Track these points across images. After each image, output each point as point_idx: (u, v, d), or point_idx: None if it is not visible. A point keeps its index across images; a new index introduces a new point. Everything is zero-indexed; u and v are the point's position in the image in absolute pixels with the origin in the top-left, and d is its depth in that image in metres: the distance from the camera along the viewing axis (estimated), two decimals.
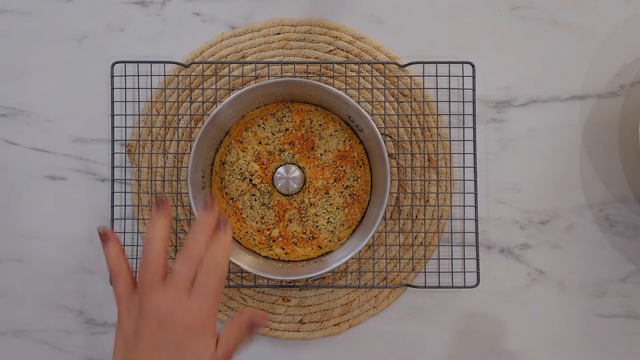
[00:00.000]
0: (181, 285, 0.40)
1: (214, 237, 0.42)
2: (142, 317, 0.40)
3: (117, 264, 0.42)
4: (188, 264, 0.41)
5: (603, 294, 0.58)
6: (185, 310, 0.39)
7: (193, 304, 0.40)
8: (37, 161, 0.59)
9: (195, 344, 0.39)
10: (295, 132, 0.55)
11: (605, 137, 0.59)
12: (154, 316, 0.39)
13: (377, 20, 0.59)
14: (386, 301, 0.58)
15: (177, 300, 0.40)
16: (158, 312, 0.39)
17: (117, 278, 0.42)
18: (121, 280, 0.42)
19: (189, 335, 0.39)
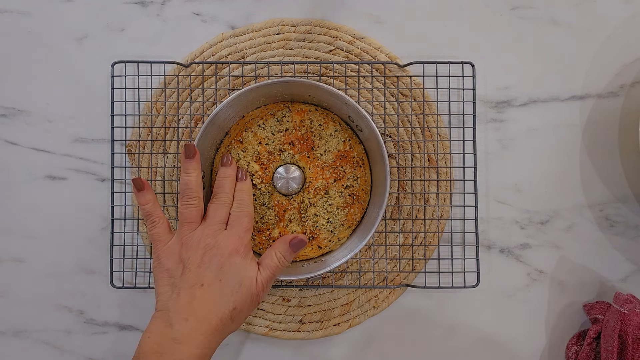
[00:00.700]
0: (217, 224, 0.47)
1: (237, 185, 0.50)
2: (187, 249, 0.46)
3: (153, 209, 0.48)
4: (220, 208, 0.48)
5: (603, 294, 0.58)
6: (225, 238, 0.46)
7: (231, 235, 0.47)
8: (37, 161, 0.59)
9: (239, 263, 0.46)
10: (295, 132, 0.55)
11: (605, 137, 0.59)
12: (198, 247, 0.46)
13: (377, 20, 0.59)
14: (386, 301, 0.58)
15: (216, 233, 0.46)
16: (202, 243, 0.46)
17: (155, 221, 0.48)
18: (159, 223, 0.48)
19: (232, 257, 0.45)
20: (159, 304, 0.45)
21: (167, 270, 0.46)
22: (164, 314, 0.44)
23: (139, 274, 0.58)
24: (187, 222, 0.47)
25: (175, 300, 0.44)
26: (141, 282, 0.58)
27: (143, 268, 0.58)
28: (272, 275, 0.47)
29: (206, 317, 0.43)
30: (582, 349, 0.55)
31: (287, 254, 0.48)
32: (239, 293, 0.45)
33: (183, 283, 0.45)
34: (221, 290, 0.44)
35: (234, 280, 0.45)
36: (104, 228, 0.59)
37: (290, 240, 0.48)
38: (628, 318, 0.53)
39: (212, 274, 0.45)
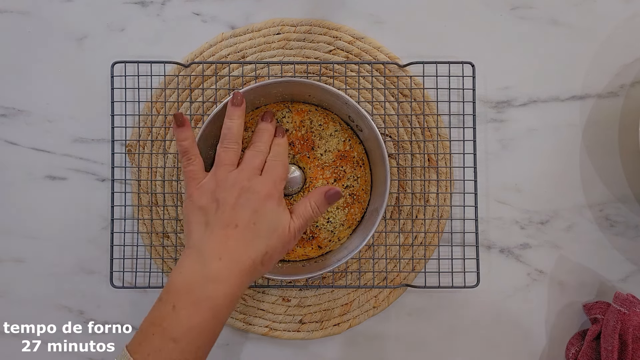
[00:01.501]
0: (253, 169, 0.47)
1: (274, 140, 0.51)
2: (222, 189, 0.46)
3: (191, 146, 0.48)
4: (256, 155, 0.49)
5: (603, 294, 0.58)
6: (261, 183, 0.46)
7: (266, 180, 0.47)
8: (37, 161, 0.59)
9: (273, 208, 0.46)
10: (296, 132, 0.55)
11: (605, 137, 0.59)
12: (233, 188, 0.46)
13: (377, 20, 0.59)
14: (386, 301, 0.58)
15: (252, 177, 0.47)
16: (237, 185, 0.46)
17: (191, 159, 0.48)
18: (195, 160, 0.48)
19: (267, 201, 0.46)
20: (191, 241, 0.45)
21: (200, 207, 0.45)
22: (196, 252, 0.44)
23: (139, 274, 0.58)
24: (224, 164, 0.47)
25: (209, 238, 0.44)
26: (141, 282, 0.58)
27: (143, 268, 0.58)
28: (305, 223, 0.47)
29: (240, 258, 0.43)
30: (582, 348, 0.55)
31: (321, 204, 0.48)
32: (272, 238, 0.45)
33: (217, 222, 0.44)
34: (255, 233, 0.44)
35: (268, 225, 0.45)
36: (104, 228, 0.59)
37: (326, 192, 0.48)
38: (628, 318, 0.53)
39: (246, 216, 0.44)
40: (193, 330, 0.41)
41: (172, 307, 0.41)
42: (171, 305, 0.41)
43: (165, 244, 0.58)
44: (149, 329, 0.41)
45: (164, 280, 0.58)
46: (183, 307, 0.41)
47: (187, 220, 0.46)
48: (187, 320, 0.41)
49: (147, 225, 0.58)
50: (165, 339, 0.40)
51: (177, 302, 0.41)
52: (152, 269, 0.58)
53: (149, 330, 0.41)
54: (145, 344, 0.41)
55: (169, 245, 0.58)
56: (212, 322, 0.42)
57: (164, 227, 0.58)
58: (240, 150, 0.49)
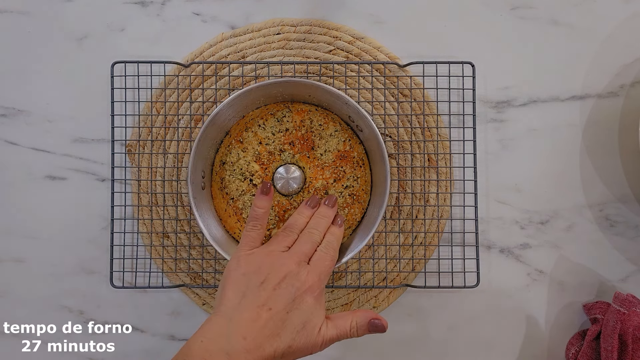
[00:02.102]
0: (303, 255, 0.47)
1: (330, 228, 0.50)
2: (270, 266, 0.45)
3: (263, 216, 0.49)
4: (308, 242, 0.48)
5: (603, 294, 0.58)
6: (307, 274, 0.45)
7: (313, 271, 0.45)
8: (37, 161, 0.59)
9: (311, 304, 0.44)
10: (296, 132, 0.55)
11: (605, 137, 0.59)
12: (282, 269, 0.45)
13: (377, 20, 0.59)
14: (386, 301, 0.58)
15: (300, 264, 0.46)
16: (286, 267, 0.45)
17: (257, 226, 0.49)
18: (260, 229, 0.49)
19: (307, 293, 0.44)
20: (222, 308, 0.43)
21: (244, 275, 0.45)
22: (224, 322, 0.42)
23: (139, 274, 0.58)
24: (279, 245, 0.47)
25: (241, 312, 0.42)
26: (141, 282, 0.58)
27: (143, 268, 0.58)
28: (337, 337, 0.45)
29: (262, 343, 0.42)
30: (582, 348, 0.55)
31: (362, 328, 0.46)
32: (300, 334, 0.43)
33: (254, 297, 0.43)
34: (285, 322, 0.43)
35: (300, 319, 0.43)
36: (104, 228, 0.59)
37: (372, 319, 0.46)
38: (628, 318, 0.53)
39: (283, 302, 0.43)
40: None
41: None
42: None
43: (165, 244, 0.58)
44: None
45: (164, 280, 0.58)
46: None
47: (226, 281, 0.45)
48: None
49: (147, 225, 0.58)
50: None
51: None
52: (152, 269, 0.58)
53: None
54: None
55: (169, 245, 0.58)
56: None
57: (164, 227, 0.58)
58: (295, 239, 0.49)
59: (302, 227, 0.49)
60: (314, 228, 0.49)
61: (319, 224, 0.50)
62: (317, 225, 0.49)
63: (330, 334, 0.45)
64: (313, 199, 0.51)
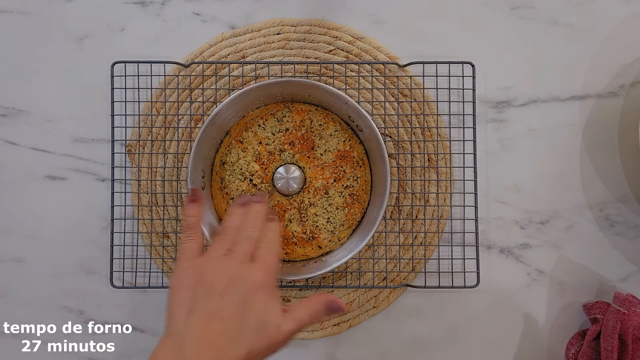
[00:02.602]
0: (245, 254, 0.44)
1: (266, 224, 0.47)
2: (212, 273, 0.43)
3: (196, 224, 0.46)
4: (247, 241, 0.45)
5: (603, 294, 0.58)
6: (253, 272, 0.43)
7: (259, 268, 0.43)
8: (37, 161, 0.59)
9: (264, 301, 0.42)
10: (296, 132, 0.55)
11: (605, 137, 0.59)
12: (225, 273, 0.42)
13: (377, 20, 0.59)
14: (386, 301, 0.58)
15: (244, 264, 0.44)
16: (230, 271, 0.43)
17: (191, 236, 0.46)
18: (196, 238, 0.46)
19: (258, 291, 0.42)
20: (172, 327, 0.41)
21: (188, 288, 0.42)
22: (177, 341, 0.40)
23: (139, 274, 0.58)
24: (218, 251, 0.45)
25: (191, 327, 0.40)
26: (141, 282, 0.58)
27: (143, 268, 0.58)
28: (297, 329, 0.43)
29: (220, 354, 0.39)
30: (582, 348, 0.55)
31: (321, 313, 0.44)
32: (258, 335, 0.41)
33: (201, 309, 0.41)
34: (240, 328, 0.41)
35: (255, 320, 0.41)
36: (104, 228, 0.59)
37: (328, 303, 0.44)
38: (628, 318, 0.53)
39: (233, 307, 0.41)
40: None
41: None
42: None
43: (165, 244, 0.58)
44: None
45: (164, 280, 0.58)
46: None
47: (171, 301, 0.43)
48: None
49: (147, 225, 0.58)
50: None
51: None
52: (152, 269, 0.58)
53: None
54: None
55: (169, 245, 0.58)
56: None
57: (164, 227, 0.58)
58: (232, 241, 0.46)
59: (238, 228, 0.47)
60: (249, 226, 0.47)
61: (253, 221, 0.47)
62: (252, 223, 0.47)
63: (291, 328, 0.43)
64: (242, 197, 0.49)
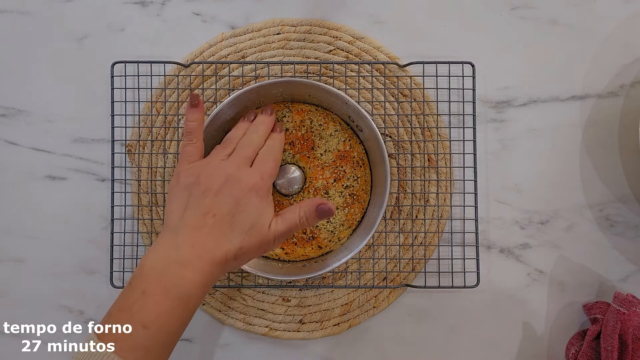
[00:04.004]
0: (244, 159, 0.47)
1: (271, 134, 0.51)
2: (209, 174, 0.45)
3: (197, 128, 0.48)
4: (249, 146, 0.48)
5: (603, 294, 0.58)
6: (248, 175, 0.46)
7: (254, 172, 0.46)
8: (37, 161, 0.59)
9: (256, 203, 0.45)
10: (296, 132, 0.55)
11: (605, 137, 0.59)
12: (221, 175, 0.45)
13: (377, 20, 0.59)
14: (386, 301, 0.58)
15: (240, 167, 0.46)
16: (225, 172, 0.45)
17: (192, 140, 0.48)
18: (196, 142, 0.48)
19: (250, 194, 0.45)
20: (168, 223, 0.44)
21: (185, 187, 0.45)
22: (173, 234, 0.43)
23: None
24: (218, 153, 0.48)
25: (186, 223, 0.43)
26: None
27: None
28: (288, 230, 0.45)
29: (213, 249, 0.42)
30: (582, 348, 0.55)
31: (311, 216, 0.45)
32: (249, 234, 0.44)
33: (197, 207, 0.44)
34: (232, 225, 0.43)
35: (247, 219, 0.44)
36: (104, 228, 0.59)
37: (319, 205, 0.45)
38: (628, 318, 0.53)
39: (227, 206, 0.44)
40: (162, 316, 0.40)
41: (141, 292, 0.41)
42: (141, 290, 0.41)
43: None
44: (118, 314, 0.41)
45: None
46: (153, 293, 0.40)
47: (169, 197, 0.46)
48: (157, 306, 0.40)
49: (147, 225, 0.58)
50: (134, 324, 0.40)
51: (147, 288, 0.41)
52: None
53: (118, 316, 0.40)
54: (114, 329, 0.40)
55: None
56: (182, 309, 0.41)
57: None
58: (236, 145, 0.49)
59: (239, 138, 0.49)
60: (253, 132, 0.50)
61: (257, 129, 0.50)
62: (256, 130, 0.50)
63: (281, 229, 0.45)
64: (250, 112, 0.51)
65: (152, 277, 0.41)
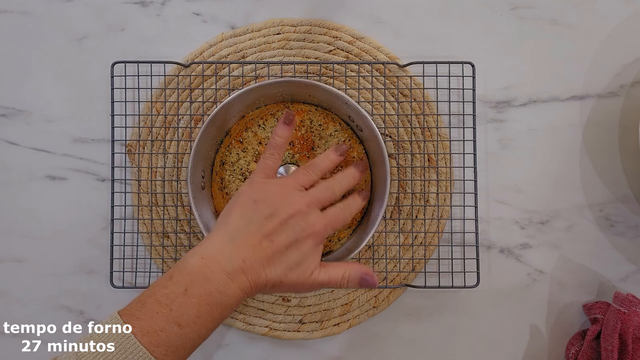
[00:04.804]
0: (317, 201, 0.46)
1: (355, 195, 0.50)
2: (282, 199, 0.45)
3: (281, 145, 0.48)
4: (328, 194, 0.47)
5: (603, 294, 0.58)
6: (316, 219, 0.45)
7: (322, 220, 0.45)
8: (37, 161, 0.59)
9: (310, 248, 0.44)
10: (296, 132, 0.55)
11: (605, 137, 0.59)
12: (292, 205, 0.44)
13: (377, 20, 0.59)
14: (386, 301, 0.58)
15: (311, 208, 0.45)
16: (297, 205, 0.45)
17: (274, 154, 0.48)
18: (277, 158, 0.48)
19: (311, 237, 0.44)
20: (227, 227, 0.44)
21: (255, 202, 0.44)
22: (227, 241, 0.43)
23: (139, 274, 0.58)
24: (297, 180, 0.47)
25: (244, 236, 0.43)
26: (141, 282, 0.58)
27: (143, 268, 0.58)
28: (327, 283, 0.46)
29: (258, 270, 0.43)
30: (582, 349, 0.55)
31: (353, 281, 0.46)
32: (292, 272, 0.44)
33: (259, 226, 0.43)
34: (282, 258, 0.43)
35: (296, 258, 0.44)
36: (104, 228, 0.59)
37: (364, 275, 0.46)
38: (628, 317, 0.53)
39: (286, 239, 0.44)
40: (199, 319, 0.40)
41: (184, 290, 0.40)
42: (183, 287, 0.40)
43: (165, 244, 0.58)
44: (154, 306, 0.40)
45: None
46: (195, 295, 0.40)
47: (235, 202, 0.45)
48: (196, 309, 0.40)
49: (147, 225, 0.58)
50: (170, 321, 0.40)
51: (190, 288, 0.40)
52: (152, 269, 0.58)
53: (153, 308, 0.40)
54: (146, 320, 0.40)
55: (169, 245, 0.58)
56: (218, 316, 0.41)
57: (164, 227, 0.58)
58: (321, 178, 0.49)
59: (325, 170, 0.48)
60: (338, 181, 0.48)
61: (343, 180, 0.48)
62: (342, 180, 0.48)
63: (322, 278, 0.45)
64: (341, 146, 0.50)
65: (197, 278, 0.41)
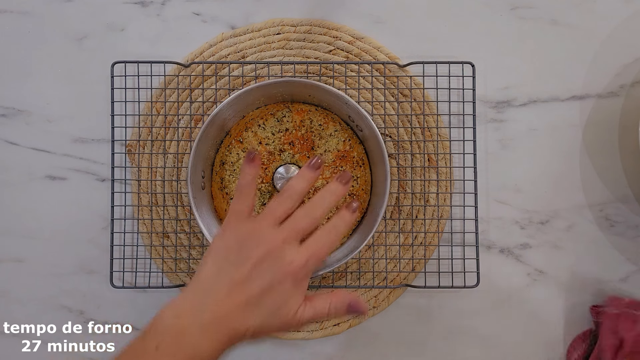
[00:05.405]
0: (295, 233, 0.42)
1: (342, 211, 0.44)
2: (253, 241, 0.42)
3: (250, 185, 0.44)
4: (308, 221, 0.43)
5: (603, 294, 0.58)
6: (294, 255, 0.41)
7: (301, 254, 0.42)
8: (37, 161, 0.59)
9: (289, 290, 0.41)
10: (296, 132, 0.55)
11: (605, 137, 0.59)
12: (266, 244, 0.41)
13: (377, 20, 0.59)
14: (386, 301, 0.58)
15: (288, 243, 0.42)
16: (269, 245, 0.41)
17: (242, 198, 0.44)
18: (247, 201, 0.44)
19: (288, 278, 0.41)
20: (199, 280, 0.42)
21: (227, 248, 0.42)
22: (199, 295, 0.41)
23: (139, 274, 0.58)
24: (270, 217, 0.43)
25: (217, 286, 0.41)
26: (141, 282, 0.58)
27: (143, 268, 0.58)
28: (314, 318, 0.43)
29: (234, 321, 0.41)
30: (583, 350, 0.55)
31: (340, 311, 0.43)
32: (273, 316, 0.42)
33: (229, 274, 0.41)
34: (258, 305, 0.41)
35: (274, 304, 0.41)
36: (104, 228, 0.59)
37: (350, 302, 0.43)
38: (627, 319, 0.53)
39: (259, 285, 0.41)
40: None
41: (155, 347, 0.39)
42: (154, 345, 0.39)
43: (165, 244, 0.58)
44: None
45: (164, 280, 0.58)
46: (167, 352, 0.39)
47: (207, 251, 0.43)
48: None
49: (147, 225, 0.58)
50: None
51: (162, 344, 0.39)
52: (152, 269, 0.58)
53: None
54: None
55: (169, 245, 0.58)
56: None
57: (164, 227, 0.58)
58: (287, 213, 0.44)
59: (302, 193, 0.44)
60: (318, 204, 0.43)
61: (324, 200, 0.43)
62: (322, 202, 0.43)
63: (307, 315, 0.43)
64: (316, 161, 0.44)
65: (171, 334, 0.40)
